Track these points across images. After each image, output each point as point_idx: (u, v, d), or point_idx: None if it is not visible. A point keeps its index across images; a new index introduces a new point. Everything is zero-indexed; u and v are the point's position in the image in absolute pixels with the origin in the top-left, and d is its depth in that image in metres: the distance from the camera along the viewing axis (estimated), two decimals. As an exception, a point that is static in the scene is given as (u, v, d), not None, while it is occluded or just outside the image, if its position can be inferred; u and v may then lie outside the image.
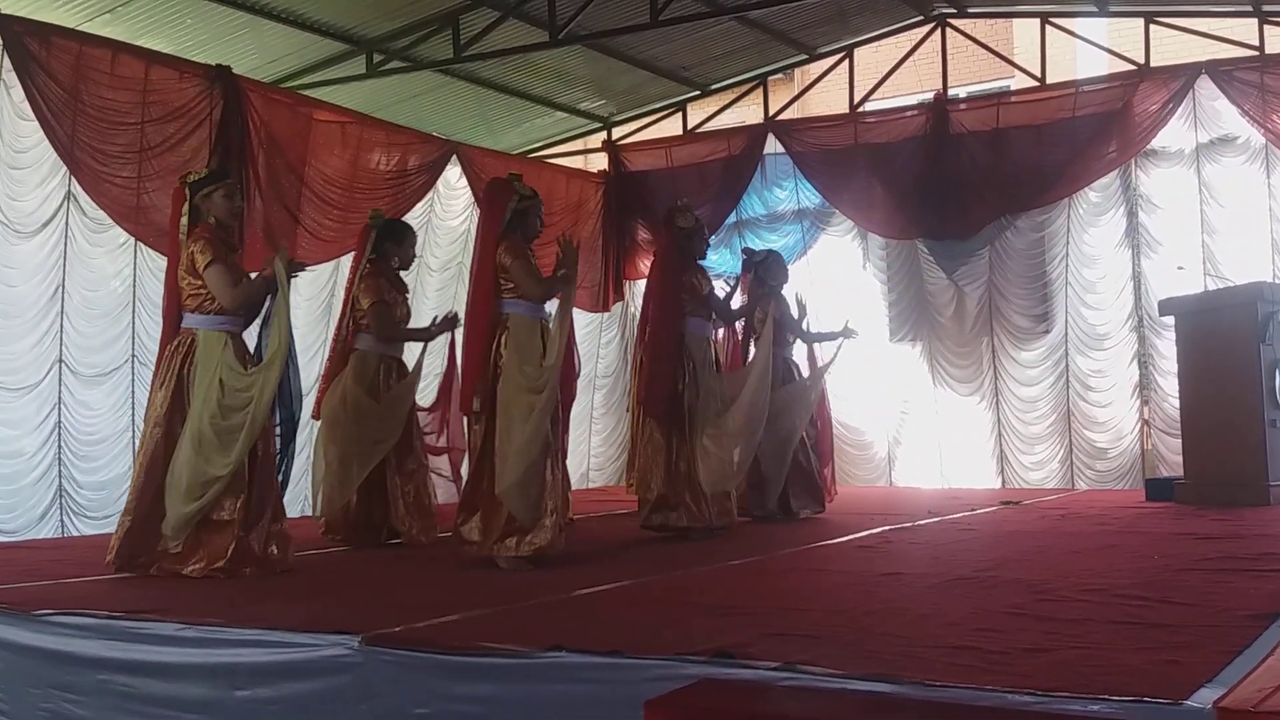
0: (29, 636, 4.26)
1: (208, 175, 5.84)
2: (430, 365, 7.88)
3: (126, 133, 7.96)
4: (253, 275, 5.70)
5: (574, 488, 10.64)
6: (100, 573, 5.43)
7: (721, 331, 8.44)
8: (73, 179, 7.80)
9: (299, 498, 9.57)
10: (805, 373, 8.40)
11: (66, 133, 7.64)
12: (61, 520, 7.93)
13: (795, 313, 8.31)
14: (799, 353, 8.58)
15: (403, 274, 7.16)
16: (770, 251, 8.40)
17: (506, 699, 3.33)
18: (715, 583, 5.04)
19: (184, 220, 5.62)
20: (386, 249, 6.97)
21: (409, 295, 7.17)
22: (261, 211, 8.73)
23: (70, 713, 4.10)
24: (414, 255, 7.22)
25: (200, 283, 5.52)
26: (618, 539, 6.93)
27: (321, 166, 9.35)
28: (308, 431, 9.57)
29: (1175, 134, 10.13)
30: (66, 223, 7.91)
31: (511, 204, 5.84)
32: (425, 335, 7.23)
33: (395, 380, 6.91)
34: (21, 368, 7.77)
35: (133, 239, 8.16)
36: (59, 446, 7.94)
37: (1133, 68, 10.40)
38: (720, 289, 7.77)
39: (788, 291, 8.45)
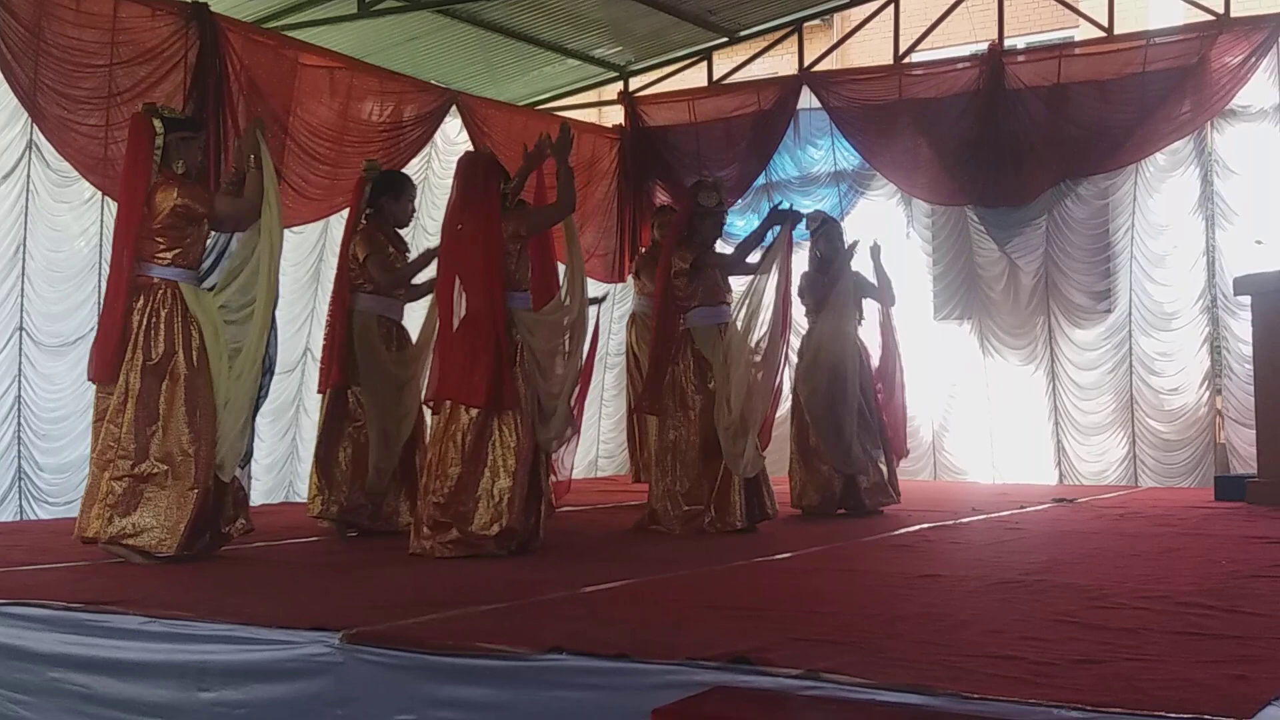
0: (-26, 628, 4.27)
1: (187, 119, 5.99)
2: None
3: (93, 76, 7.95)
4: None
5: (581, 476, 10.76)
6: (58, 560, 5.46)
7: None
8: (34, 126, 7.80)
9: (282, 484, 9.64)
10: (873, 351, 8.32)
11: (28, 75, 7.64)
12: (20, 506, 7.95)
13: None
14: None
15: (401, 232, 7.16)
16: (826, 219, 8.29)
17: (500, 705, 3.33)
18: (732, 582, 5.05)
19: (157, 158, 5.66)
20: (382, 204, 6.96)
21: (409, 256, 7.12)
22: (241, 165, 8.71)
23: (16, 714, 4.12)
24: (412, 211, 7.17)
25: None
26: (625, 532, 6.94)
27: (307, 116, 9.34)
28: (293, 412, 9.70)
29: (1257, 91, 10.02)
30: (28, 175, 7.91)
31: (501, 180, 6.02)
32: (425, 260, 6.99)
33: (397, 349, 6.95)
34: (-22, 336, 7.80)
35: (99, 193, 8.16)
36: (19, 424, 7.96)
37: (1211, 18, 10.29)
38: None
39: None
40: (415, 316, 7.19)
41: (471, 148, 10.64)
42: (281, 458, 9.68)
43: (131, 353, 5.57)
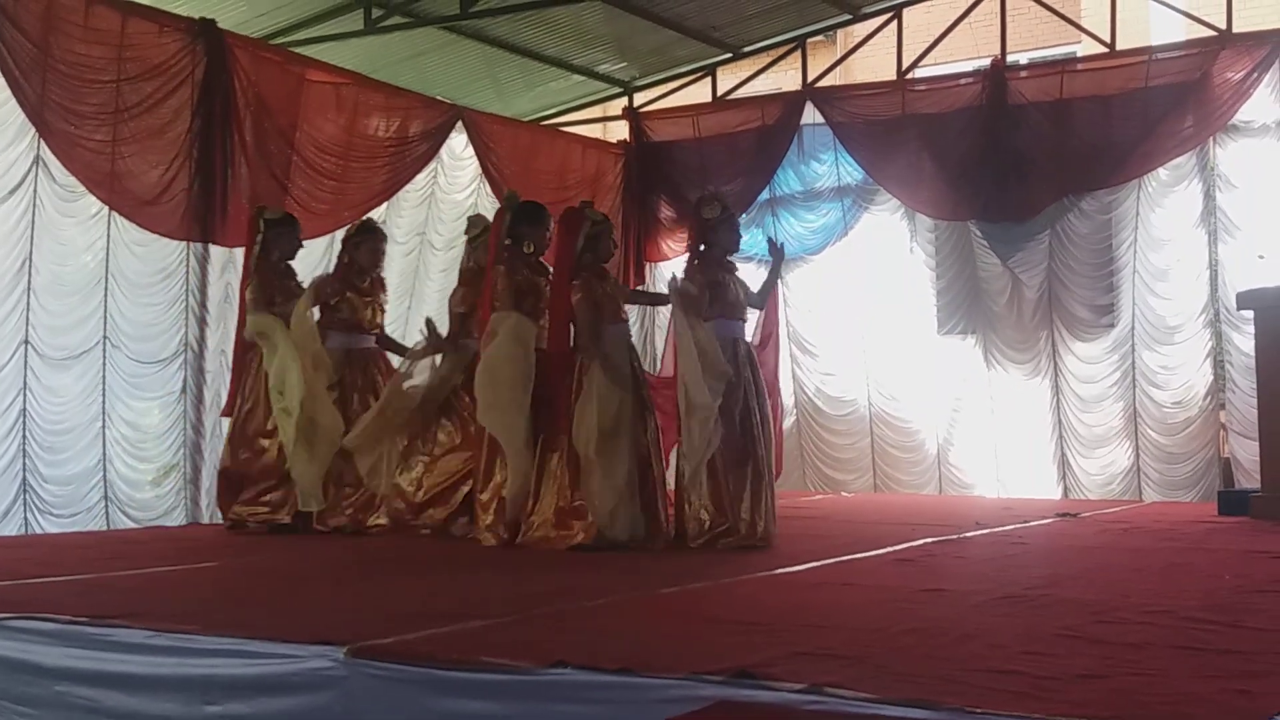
0: (-18, 642, 4.26)
1: (285, 217, 7.88)
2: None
3: (100, 92, 7.98)
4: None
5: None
6: (64, 573, 5.46)
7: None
8: (42, 142, 7.82)
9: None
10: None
11: (35, 91, 7.66)
12: (25, 518, 7.94)
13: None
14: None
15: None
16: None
17: (503, 719, 3.32)
18: (736, 596, 5.04)
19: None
20: (521, 233, 7.08)
21: (546, 281, 7.13)
22: (248, 181, 8.76)
23: (22, 728, 4.11)
24: (549, 240, 7.26)
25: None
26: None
27: (314, 132, 9.37)
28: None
29: (1259, 105, 10.03)
30: (35, 189, 7.93)
31: (585, 230, 6.82)
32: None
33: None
34: (-15, 350, 7.81)
35: (106, 208, 8.19)
36: (24, 437, 7.97)
37: (1213, 34, 10.32)
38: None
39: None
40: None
41: (477, 163, 10.76)
42: None
43: None
